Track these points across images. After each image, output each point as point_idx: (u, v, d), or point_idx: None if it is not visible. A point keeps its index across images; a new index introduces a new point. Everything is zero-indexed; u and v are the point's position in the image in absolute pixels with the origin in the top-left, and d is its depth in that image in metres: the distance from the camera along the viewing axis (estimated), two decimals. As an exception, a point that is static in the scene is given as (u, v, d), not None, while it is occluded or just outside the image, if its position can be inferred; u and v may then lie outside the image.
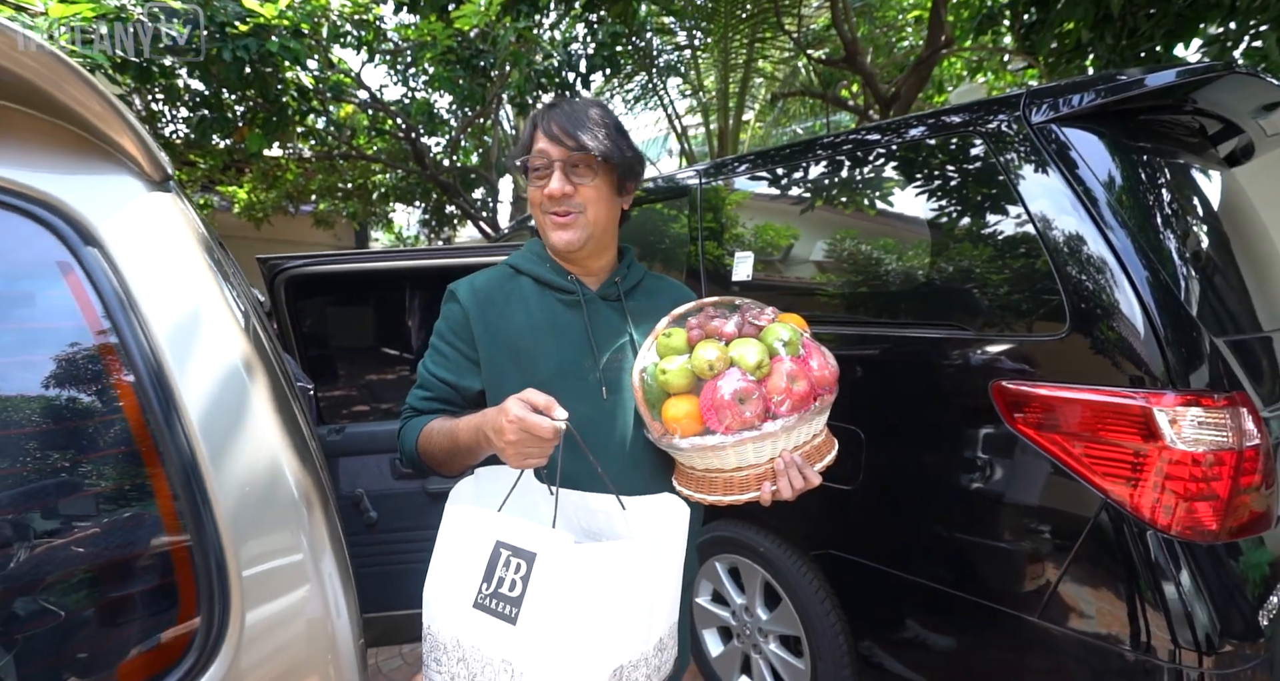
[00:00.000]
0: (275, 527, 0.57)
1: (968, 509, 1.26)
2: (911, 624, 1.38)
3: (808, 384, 0.77)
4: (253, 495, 0.55)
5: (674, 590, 0.79)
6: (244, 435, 0.56)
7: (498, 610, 0.68)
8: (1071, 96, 1.22)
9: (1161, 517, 1.00)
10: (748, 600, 1.78)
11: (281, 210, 7.29)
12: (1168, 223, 1.19)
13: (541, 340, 0.91)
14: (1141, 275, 1.07)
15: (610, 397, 0.91)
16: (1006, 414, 1.19)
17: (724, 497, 0.81)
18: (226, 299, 0.60)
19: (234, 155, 5.55)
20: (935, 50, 4.22)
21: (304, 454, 0.63)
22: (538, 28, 4.24)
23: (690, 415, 0.77)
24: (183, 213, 0.61)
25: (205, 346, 0.56)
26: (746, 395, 0.74)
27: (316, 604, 0.58)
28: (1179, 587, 0.99)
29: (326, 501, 0.66)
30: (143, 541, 0.52)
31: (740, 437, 0.74)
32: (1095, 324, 1.09)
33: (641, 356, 0.85)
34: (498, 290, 0.95)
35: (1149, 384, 1.03)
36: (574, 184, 0.88)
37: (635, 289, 1.01)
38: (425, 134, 5.76)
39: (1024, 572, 1.16)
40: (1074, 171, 1.18)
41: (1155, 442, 1.00)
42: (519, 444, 0.73)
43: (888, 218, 1.49)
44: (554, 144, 0.88)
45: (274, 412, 0.59)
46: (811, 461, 0.82)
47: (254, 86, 3.29)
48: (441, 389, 0.93)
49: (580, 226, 0.90)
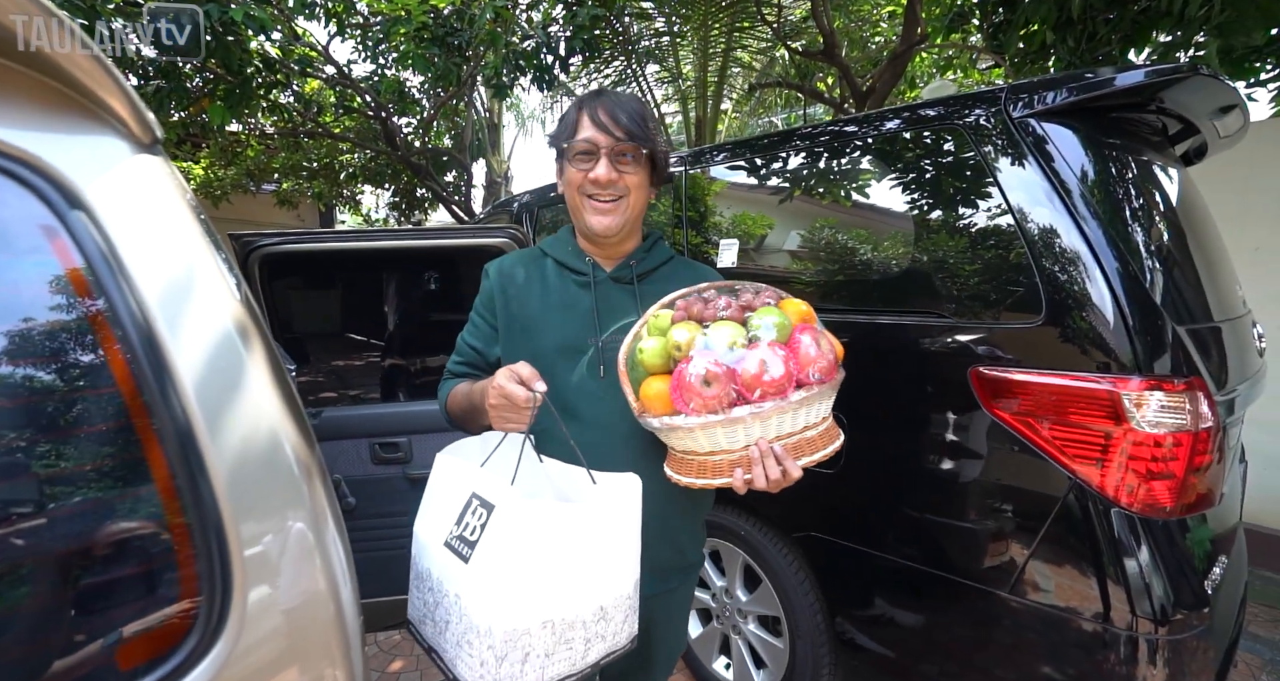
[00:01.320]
0: (277, 500, 0.55)
1: (946, 490, 1.31)
2: (889, 602, 1.43)
3: (785, 373, 0.74)
4: (253, 466, 0.54)
5: (625, 564, 0.81)
6: (243, 406, 0.54)
7: (459, 549, 0.76)
8: (1049, 92, 1.26)
9: (1124, 496, 1.06)
10: (728, 582, 1.82)
11: (242, 188, 6.98)
12: (1135, 217, 1.25)
13: (551, 316, 0.97)
14: (1113, 266, 1.13)
15: (607, 375, 0.95)
16: (984, 398, 1.23)
17: (696, 480, 0.81)
18: (219, 265, 0.58)
19: (190, 129, 5.27)
20: (910, 46, 4.29)
21: (302, 426, 0.62)
22: (516, 8, 4.13)
23: (661, 395, 0.78)
24: (173, 178, 0.58)
25: (199, 313, 0.54)
26: (712, 378, 0.73)
27: (320, 579, 0.57)
28: (1138, 562, 1.06)
29: (325, 475, 0.65)
30: (139, 515, 0.50)
31: (705, 420, 0.74)
32: (1069, 312, 1.14)
33: (630, 335, 0.87)
34: (522, 269, 1.02)
35: (1117, 370, 1.08)
36: (619, 171, 0.93)
37: (653, 273, 1.04)
38: (396, 113, 5.57)
39: (997, 550, 1.22)
40: (1051, 165, 1.23)
41: (1121, 425, 1.06)
42: (498, 409, 0.82)
43: (869, 207, 1.52)
44: (601, 132, 0.92)
45: (272, 382, 0.58)
46: (800, 454, 0.80)
47: (215, 56, 3.12)
48: (470, 354, 1.03)
49: (620, 212, 0.96)
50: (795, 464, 0.79)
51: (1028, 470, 1.18)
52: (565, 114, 1.00)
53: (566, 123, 0.97)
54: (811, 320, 0.86)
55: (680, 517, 1.02)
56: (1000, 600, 1.22)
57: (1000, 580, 1.21)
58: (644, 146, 0.93)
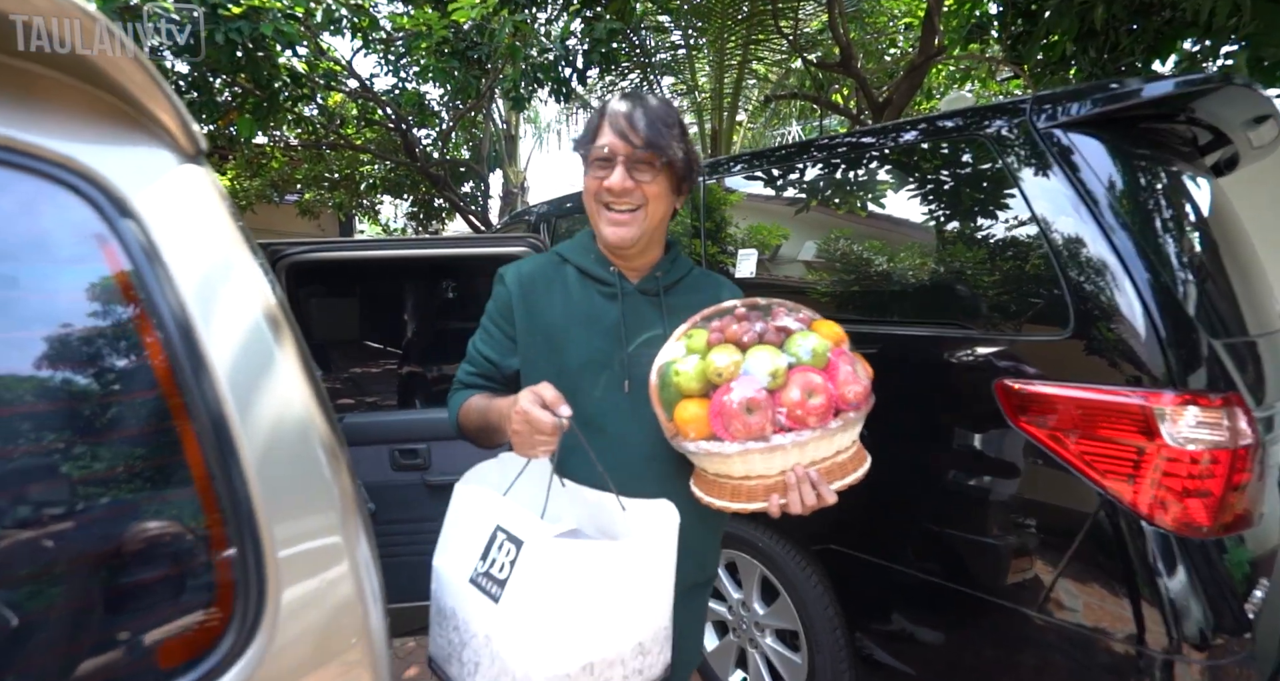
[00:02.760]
0: (309, 498, 0.56)
1: (970, 505, 1.29)
2: (911, 619, 1.40)
3: (826, 398, 0.73)
4: (284, 463, 0.54)
5: (661, 596, 0.78)
6: (275, 399, 0.55)
7: (487, 588, 0.73)
8: (1076, 103, 1.25)
9: (1158, 513, 1.03)
10: (745, 595, 1.80)
11: (266, 199, 7.14)
12: (1166, 228, 1.23)
13: (575, 328, 0.93)
14: (1144, 277, 1.11)
15: (633, 390, 0.92)
16: (1010, 412, 1.21)
17: (730, 504, 0.79)
18: (256, 267, 0.59)
19: (217, 141, 5.42)
20: (928, 57, 4.29)
21: (332, 422, 0.62)
22: (534, 22, 4.21)
23: (699, 419, 0.77)
24: (215, 187, 0.60)
25: (237, 311, 0.55)
26: (755, 406, 0.72)
27: (349, 580, 0.57)
28: (1174, 582, 1.02)
29: (353, 473, 0.66)
30: (179, 512, 0.51)
31: (746, 447, 0.73)
32: (1098, 324, 1.12)
33: (663, 354, 0.84)
34: (542, 276, 0.98)
35: (1149, 384, 1.06)
36: (635, 180, 0.89)
37: (677, 284, 1.00)
38: (416, 125, 5.68)
39: (1024, 568, 1.19)
40: (1078, 175, 1.21)
41: (1154, 440, 1.03)
42: (522, 435, 0.77)
43: (894, 219, 1.52)
44: (620, 139, 0.89)
45: (303, 378, 0.58)
46: (832, 478, 0.79)
47: (246, 70, 3.21)
48: (484, 365, 0.98)
49: (636, 223, 0.91)
50: (830, 488, 0.78)
51: (1055, 486, 1.15)
52: (590, 118, 0.96)
53: (590, 127, 0.94)
54: (844, 342, 0.85)
55: (703, 534, 0.99)
56: (1028, 619, 1.18)
57: (1028, 598, 1.18)
58: (662, 156, 0.89)
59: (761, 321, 0.82)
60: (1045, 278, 1.20)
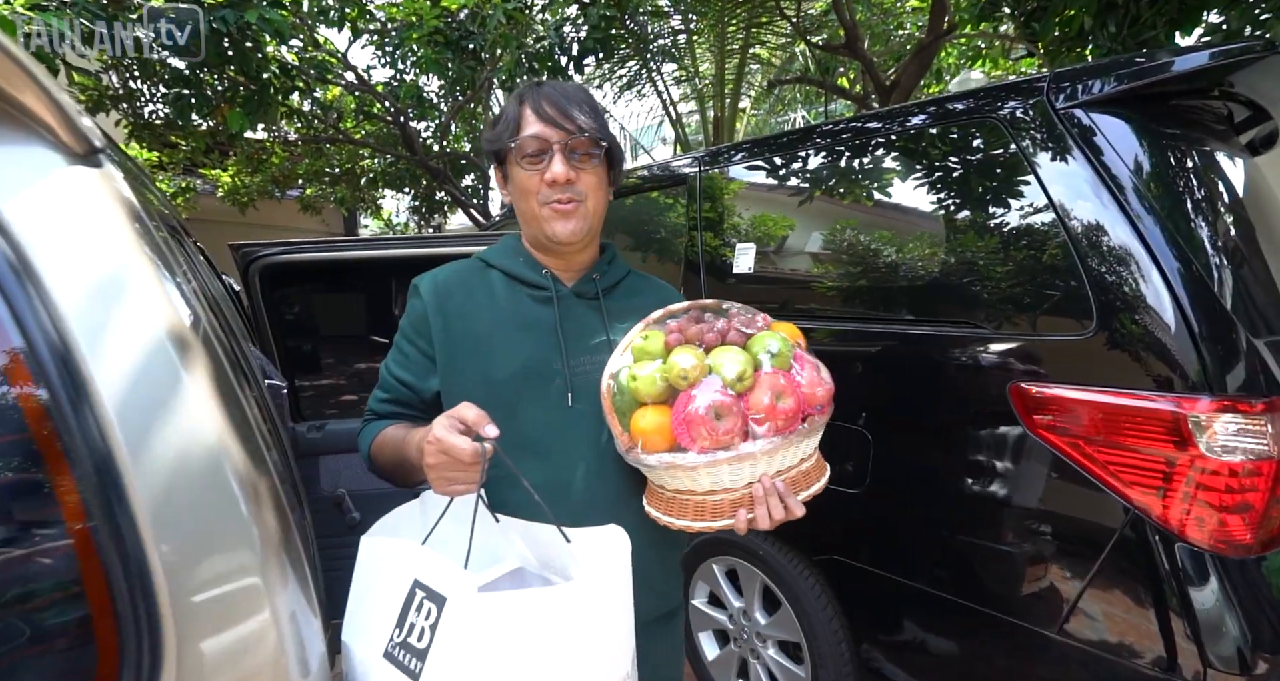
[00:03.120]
0: (217, 535, 0.49)
1: (983, 517, 1.20)
2: (921, 636, 1.33)
3: (795, 402, 0.68)
4: (185, 495, 0.47)
5: (618, 641, 0.66)
6: (176, 427, 0.48)
7: (404, 662, 0.60)
8: (1097, 80, 1.15)
9: (1192, 530, 0.94)
10: (746, 603, 1.73)
11: (267, 194, 7.10)
12: (1199, 213, 1.13)
13: (505, 336, 0.83)
14: (1173, 267, 1.01)
15: (576, 403, 0.82)
16: (1025, 417, 1.12)
17: (694, 524, 0.72)
18: (159, 277, 0.52)
19: (217, 137, 5.36)
20: (937, 37, 4.13)
21: (251, 447, 0.55)
22: (528, 9, 4.09)
23: (660, 428, 0.69)
24: (111, 190, 0.52)
25: (126, 328, 0.48)
26: (724, 410, 0.66)
27: (270, 631, 0.50)
28: (1210, 603, 0.94)
29: (282, 502, 0.58)
30: (43, 557, 0.44)
31: (714, 458, 0.66)
32: (1123, 321, 1.03)
33: (613, 360, 0.76)
34: (461, 283, 0.87)
35: (1181, 387, 0.97)
36: (575, 169, 0.81)
37: (616, 287, 0.93)
38: (415, 118, 5.60)
39: (1043, 585, 1.11)
40: (1100, 158, 1.11)
41: (1188, 450, 0.94)
42: (438, 468, 0.65)
43: (899, 208, 1.42)
44: (550, 126, 0.80)
45: (215, 400, 0.51)
46: (797, 489, 0.74)
47: (233, 62, 3.14)
48: (400, 391, 0.86)
49: (582, 215, 0.83)
50: (797, 500, 0.73)
51: (1076, 498, 1.07)
52: (504, 111, 0.86)
53: (507, 120, 0.83)
54: (803, 343, 0.79)
55: (660, 559, 0.89)
56: (1046, 639, 1.10)
57: (1047, 617, 1.10)
58: (601, 140, 0.82)
59: (722, 320, 0.75)
60: (1064, 270, 1.10)
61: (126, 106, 4.45)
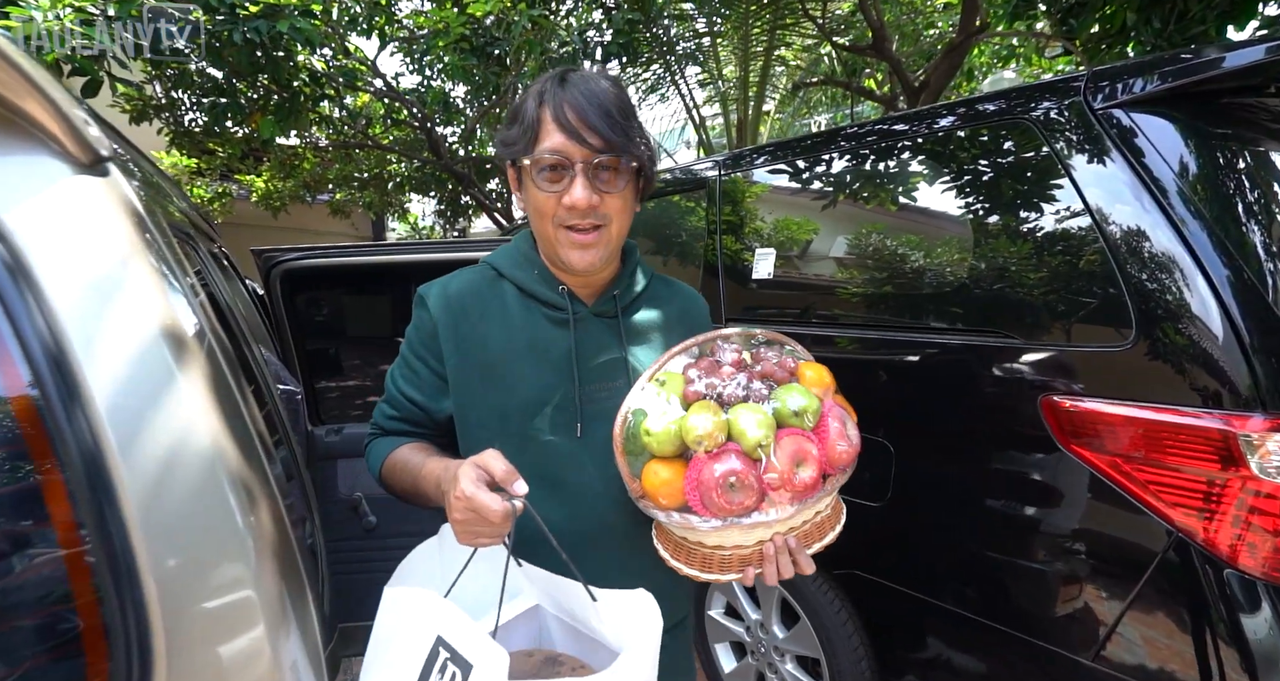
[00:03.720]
0: (214, 547, 0.48)
1: (1011, 534, 1.15)
2: (946, 656, 1.27)
3: (816, 469, 0.65)
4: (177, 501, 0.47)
5: None
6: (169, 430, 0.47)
7: None
8: (1139, 78, 1.09)
9: (1245, 556, 0.88)
10: (763, 616, 1.69)
11: (299, 199, 7.29)
12: (1253, 218, 1.06)
13: (519, 361, 0.78)
14: (1221, 274, 0.95)
15: (586, 434, 0.78)
16: (1057, 432, 1.07)
17: (700, 573, 0.70)
18: (163, 293, 0.52)
19: (252, 144, 5.53)
20: (968, 36, 4.03)
21: (249, 452, 0.55)
22: (553, 14, 4.12)
23: (672, 486, 0.66)
24: (116, 198, 0.52)
25: (134, 351, 0.48)
26: (740, 481, 0.62)
27: (265, 646, 0.49)
28: (1264, 633, 0.87)
29: (281, 508, 0.58)
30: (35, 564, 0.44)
31: (726, 524, 0.64)
32: (1166, 331, 0.97)
33: (631, 399, 0.70)
34: (474, 298, 0.80)
35: (1232, 402, 0.90)
36: (600, 193, 0.72)
37: (637, 300, 0.86)
38: (441, 123, 5.68)
39: (1077, 610, 1.05)
40: (1142, 161, 1.05)
41: (1239, 471, 0.88)
42: (466, 524, 0.62)
43: (927, 212, 1.37)
44: (572, 140, 0.70)
45: (212, 404, 0.51)
46: (809, 541, 0.71)
47: (266, 71, 3.23)
48: (409, 409, 0.82)
49: (603, 245, 0.75)
50: (807, 556, 0.70)
51: (1115, 518, 1.01)
52: (520, 107, 0.74)
53: (524, 124, 0.72)
54: (832, 390, 0.74)
55: (669, 579, 0.84)
56: (1077, 666, 1.04)
57: (1081, 644, 1.04)
58: (630, 157, 0.72)
59: (744, 371, 0.70)
60: (1101, 278, 1.05)
61: (168, 115, 4.62)
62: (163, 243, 0.57)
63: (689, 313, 0.92)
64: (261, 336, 1.70)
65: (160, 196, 0.81)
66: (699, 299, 0.95)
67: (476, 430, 0.79)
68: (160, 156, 6.61)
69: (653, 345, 0.84)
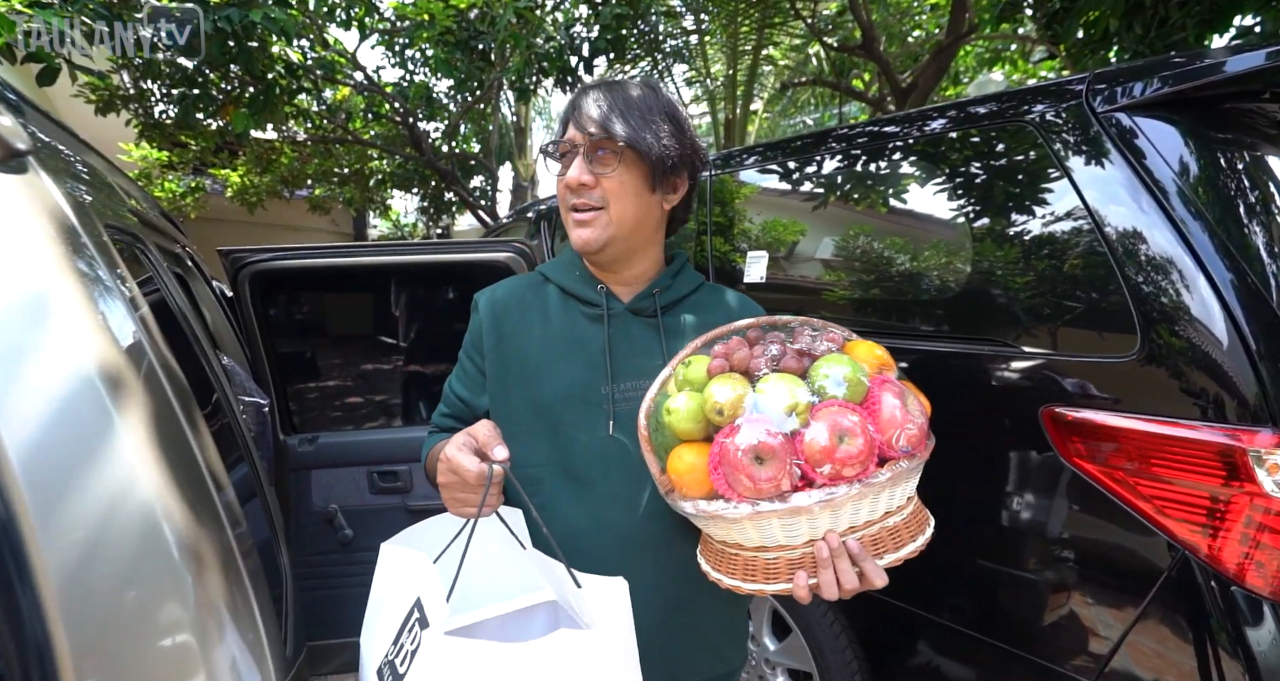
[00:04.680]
0: (146, 605, 0.42)
1: (1011, 549, 1.12)
2: (943, 674, 1.24)
3: (865, 444, 0.55)
4: (108, 564, 0.40)
5: None
6: (101, 481, 0.41)
7: None
8: (1141, 82, 1.06)
9: (1253, 576, 0.85)
10: (754, 627, 1.65)
11: (276, 194, 7.10)
12: (1259, 224, 1.04)
13: (555, 356, 0.80)
14: (1225, 278, 0.93)
15: (618, 432, 0.76)
16: (1058, 443, 1.04)
17: (743, 583, 0.61)
18: (93, 309, 0.45)
19: (226, 137, 5.35)
20: (957, 38, 4.03)
21: (199, 496, 0.48)
22: (539, 8, 4.04)
23: (696, 471, 0.60)
24: (38, 199, 0.45)
25: (57, 391, 0.41)
26: (766, 453, 0.55)
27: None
28: (1274, 657, 0.85)
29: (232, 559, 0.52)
30: None
31: (757, 509, 0.55)
32: (1171, 341, 0.94)
33: (654, 388, 0.68)
34: (517, 300, 0.85)
35: (1238, 415, 0.88)
36: (594, 174, 0.76)
37: (681, 302, 0.85)
38: (424, 119, 5.56)
39: (1078, 628, 1.02)
40: (1145, 166, 1.03)
41: (1246, 487, 0.85)
42: (448, 487, 0.64)
43: (924, 216, 1.34)
44: (576, 128, 0.77)
45: (154, 445, 0.44)
46: (880, 549, 0.60)
47: (238, 61, 3.10)
48: (457, 406, 0.87)
49: (600, 225, 0.77)
50: (877, 566, 0.60)
51: (1118, 534, 0.98)
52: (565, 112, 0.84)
53: (560, 120, 0.83)
54: (890, 369, 0.66)
55: (715, 611, 0.81)
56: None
57: (1082, 664, 1.02)
58: (624, 142, 0.74)
59: (778, 344, 0.63)
60: (1104, 286, 1.02)
61: (137, 106, 4.45)
62: (96, 248, 0.50)
63: (739, 317, 0.88)
64: (229, 343, 1.61)
65: (105, 194, 0.73)
66: (755, 307, 0.92)
67: (508, 423, 0.78)
68: (130, 149, 6.38)
69: None
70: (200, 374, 0.84)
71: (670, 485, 0.64)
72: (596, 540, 0.74)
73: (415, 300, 1.79)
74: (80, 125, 1.11)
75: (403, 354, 1.80)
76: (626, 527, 0.75)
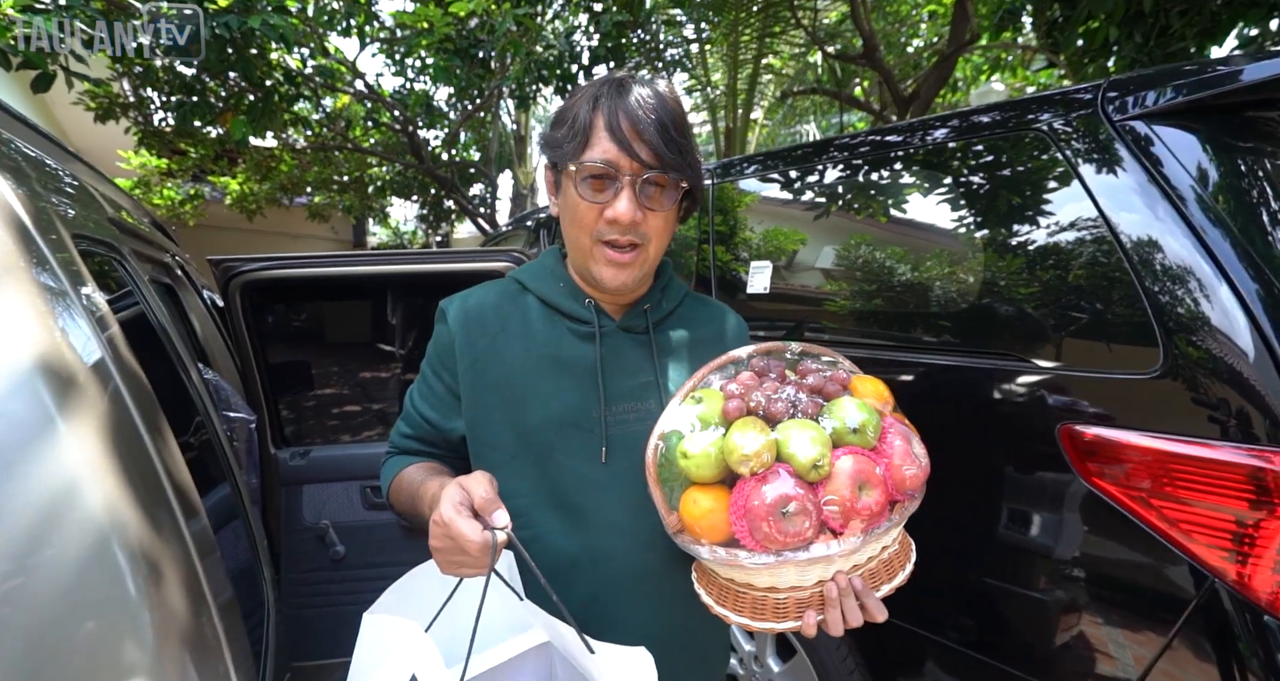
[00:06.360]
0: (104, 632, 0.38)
1: (1029, 573, 1.07)
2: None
3: (882, 493, 0.56)
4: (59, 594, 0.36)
5: None
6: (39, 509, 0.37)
7: None
8: (1156, 90, 1.04)
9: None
10: (757, 648, 1.60)
11: (275, 202, 7.09)
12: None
13: (540, 379, 0.73)
14: (1251, 288, 0.89)
15: (612, 460, 0.71)
16: (1077, 463, 1.00)
17: (751, 622, 0.60)
18: (51, 326, 0.41)
19: (225, 145, 5.34)
20: (958, 47, 4.03)
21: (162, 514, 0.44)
22: (538, 16, 4.03)
23: (715, 516, 0.57)
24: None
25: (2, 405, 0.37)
26: (792, 505, 0.54)
27: None
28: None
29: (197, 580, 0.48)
30: None
31: (781, 559, 0.55)
32: (1197, 357, 0.91)
33: (665, 419, 0.63)
34: (494, 313, 0.76)
35: (1269, 435, 0.84)
36: (644, 210, 0.68)
37: (669, 317, 0.80)
38: (424, 126, 5.56)
39: (1102, 658, 0.98)
40: (1160, 170, 1.00)
41: (1279, 510, 0.81)
42: (444, 552, 0.57)
43: (933, 227, 1.31)
44: (624, 152, 0.66)
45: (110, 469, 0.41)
46: (877, 582, 0.61)
47: (236, 69, 3.09)
48: (423, 427, 0.79)
49: (639, 265, 0.71)
50: (878, 601, 0.60)
51: (1140, 559, 0.94)
52: (572, 109, 0.70)
53: (575, 126, 0.68)
54: (891, 406, 0.66)
55: (710, 631, 0.80)
56: (1103, 716, 0.97)
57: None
58: (680, 176, 0.68)
59: (791, 384, 0.62)
60: (1124, 299, 0.98)
61: (136, 114, 4.44)
62: (55, 256, 0.46)
63: (726, 332, 0.85)
64: (219, 354, 1.57)
65: (79, 204, 0.70)
66: (734, 317, 0.88)
67: (490, 451, 0.73)
68: (129, 157, 6.37)
69: (687, 366, 0.78)
70: (177, 387, 0.79)
71: (681, 526, 0.61)
72: (593, 572, 0.70)
73: (409, 311, 1.76)
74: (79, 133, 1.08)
75: (396, 365, 1.76)
76: (625, 557, 0.71)
